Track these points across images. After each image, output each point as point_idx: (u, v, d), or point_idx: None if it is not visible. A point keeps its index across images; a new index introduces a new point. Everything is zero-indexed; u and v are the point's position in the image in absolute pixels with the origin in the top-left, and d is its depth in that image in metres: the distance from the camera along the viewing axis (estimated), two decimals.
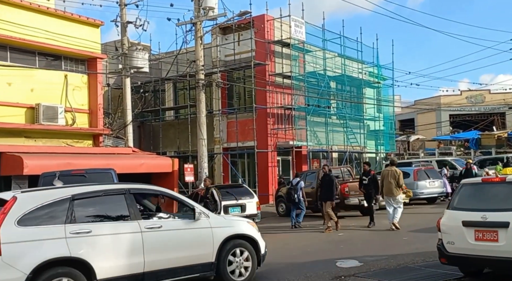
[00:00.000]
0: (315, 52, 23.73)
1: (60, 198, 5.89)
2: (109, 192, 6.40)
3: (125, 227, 6.15)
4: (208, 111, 20.06)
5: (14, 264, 5.31)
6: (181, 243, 6.50)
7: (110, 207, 6.28)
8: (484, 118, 39.73)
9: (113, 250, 5.94)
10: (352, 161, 24.73)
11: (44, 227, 5.64)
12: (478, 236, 6.21)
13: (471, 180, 8.03)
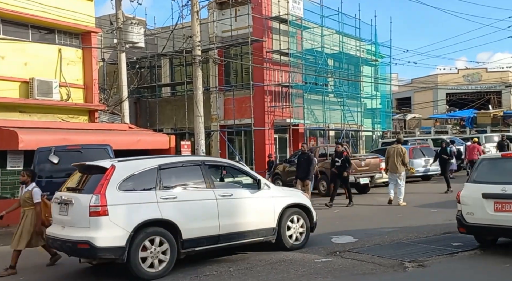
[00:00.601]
0: (313, 29, 23.44)
1: (150, 167, 6.61)
2: (188, 163, 7.16)
3: (203, 194, 6.88)
4: (205, 88, 19.90)
5: (118, 223, 6.08)
6: (248, 209, 7.25)
7: (190, 176, 6.98)
8: (481, 96, 39.73)
9: (194, 214, 6.67)
10: (349, 139, 24.78)
11: (139, 192, 6.40)
12: (498, 207, 6.65)
13: (490, 155, 8.61)
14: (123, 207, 6.15)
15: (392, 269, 6.24)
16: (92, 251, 6.02)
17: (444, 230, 8.64)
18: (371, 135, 28.20)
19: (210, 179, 7.07)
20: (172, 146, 17.41)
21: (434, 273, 6.08)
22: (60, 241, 6.36)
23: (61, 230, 6.43)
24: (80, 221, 6.16)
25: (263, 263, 6.87)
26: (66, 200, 6.43)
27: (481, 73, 40.36)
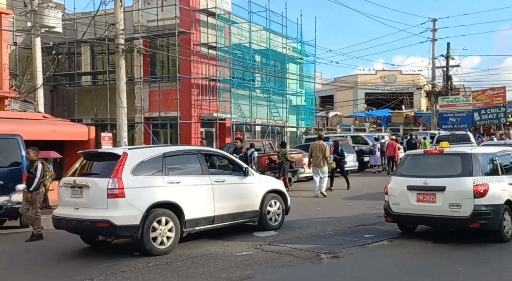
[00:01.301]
0: (241, 24, 23.55)
1: (156, 155, 7.37)
2: (187, 152, 8.04)
3: (201, 180, 7.69)
4: (128, 78, 19.21)
5: (133, 204, 6.79)
6: (238, 194, 8.19)
7: (189, 164, 7.80)
8: (395, 97, 42.57)
9: (194, 197, 7.49)
10: (274, 135, 25.30)
11: (149, 177, 7.13)
12: (420, 198, 7.42)
13: (414, 151, 9.49)
14: (137, 190, 6.86)
15: (309, 261, 6.50)
16: (111, 229, 6.71)
17: (358, 223, 9.17)
18: (296, 131, 29.05)
19: (206, 166, 7.97)
20: (92, 138, 16.61)
21: (347, 263, 6.43)
22: (76, 221, 6.96)
23: (74, 211, 7.01)
24: (97, 202, 6.80)
25: (183, 258, 6.82)
26: (81, 184, 7.04)
27: (396, 75, 43.24)
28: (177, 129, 20.82)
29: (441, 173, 7.45)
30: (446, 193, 7.16)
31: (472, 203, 7.01)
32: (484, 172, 7.34)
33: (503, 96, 31.29)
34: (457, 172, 7.31)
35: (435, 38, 32.81)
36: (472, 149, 8.08)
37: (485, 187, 7.07)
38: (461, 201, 7.06)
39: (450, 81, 33.69)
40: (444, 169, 7.52)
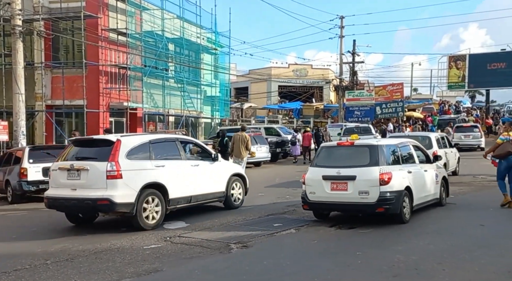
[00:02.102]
0: (153, 11, 22.83)
1: (144, 142, 8.32)
2: (168, 139, 9.08)
3: (181, 164, 8.77)
4: (27, 62, 17.71)
5: (129, 184, 7.73)
6: (210, 177, 9.31)
7: (170, 150, 8.77)
8: (306, 90, 44.33)
9: (176, 179, 8.49)
10: (188, 126, 25.01)
11: (140, 161, 8.06)
12: (333, 187, 7.95)
13: (329, 143, 10.00)
14: (131, 172, 7.78)
15: (219, 251, 6.55)
16: (111, 206, 7.58)
17: (268, 212, 9.42)
18: (210, 122, 28.99)
19: (184, 152, 9.04)
20: None
21: (256, 252, 6.58)
22: (76, 200, 7.72)
23: (72, 192, 7.78)
24: (97, 183, 7.61)
25: (86, 253, 6.50)
26: (79, 167, 7.78)
27: (307, 69, 44.98)
28: (83, 118, 19.69)
29: (352, 163, 8.00)
30: (356, 181, 7.73)
31: (378, 190, 7.62)
32: (388, 162, 8.01)
33: (401, 92, 34.02)
34: (366, 162, 7.90)
35: (342, 34, 34.60)
36: (378, 141, 8.81)
37: (389, 175, 7.71)
38: (369, 189, 7.65)
39: (355, 76, 35.83)
40: (354, 160, 8.09)
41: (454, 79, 38.03)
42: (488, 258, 5.78)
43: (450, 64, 37.93)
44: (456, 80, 38.03)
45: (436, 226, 7.89)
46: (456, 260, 5.75)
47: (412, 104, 39.11)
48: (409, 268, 5.50)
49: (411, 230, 7.55)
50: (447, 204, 9.70)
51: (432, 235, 7.16)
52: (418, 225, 7.87)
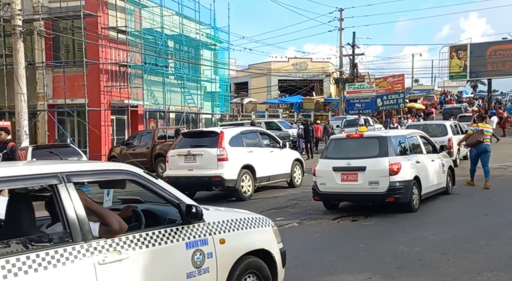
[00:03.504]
0: (152, 8, 22.81)
1: (238, 133, 10.87)
2: (252, 131, 11.79)
3: (262, 150, 11.20)
4: (28, 62, 17.74)
5: (233, 165, 10.21)
6: (281, 160, 11.54)
7: (253, 139, 11.28)
8: (307, 84, 44.29)
9: (260, 161, 10.86)
10: (189, 122, 25.07)
11: (237, 147, 10.49)
12: (344, 177, 8.22)
13: (338, 136, 10.35)
14: (233, 155, 10.23)
15: None
16: (222, 182, 10.07)
17: (271, 206, 9.52)
18: (211, 118, 29.03)
19: (263, 141, 11.47)
20: None
21: None
22: (195, 178, 10.23)
23: (190, 172, 10.28)
24: (209, 164, 10.11)
25: None
26: (195, 153, 10.31)
27: (307, 62, 44.90)
28: (85, 117, 19.76)
29: (361, 155, 8.25)
30: (366, 172, 7.97)
31: (388, 180, 7.85)
32: (397, 153, 8.25)
33: (402, 83, 33.96)
34: (375, 153, 8.15)
35: (342, 27, 34.50)
36: (386, 132, 9.04)
37: (398, 166, 7.94)
38: (379, 179, 7.89)
39: (356, 68, 35.75)
40: (364, 151, 8.33)
41: (455, 69, 37.97)
42: (492, 248, 5.83)
43: (451, 54, 37.85)
44: (458, 70, 37.96)
45: (439, 216, 7.96)
46: (460, 250, 5.80)
47: (413, 95, 39.08)
48: (413, 259, 5.56)
49: (414, 221, 7.61)
50: (452, 194, 9.77)
51: (435, 226, 7.23)
52: (421, 216, 7.94)
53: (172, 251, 3.32)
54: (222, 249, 3.60)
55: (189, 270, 3.38)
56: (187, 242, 3.41)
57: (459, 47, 38.58)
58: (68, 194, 2.96)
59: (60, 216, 2.96)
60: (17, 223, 2.99)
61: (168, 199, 3.49)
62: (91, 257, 2.89)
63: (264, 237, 4.10)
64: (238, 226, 3.85)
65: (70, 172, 3.06)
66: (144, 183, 3.41)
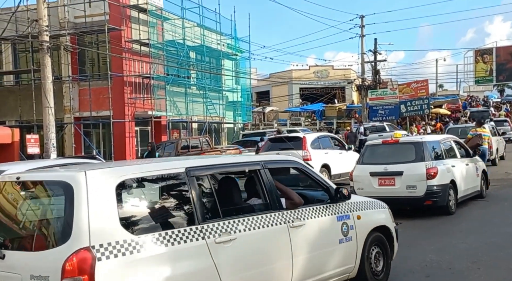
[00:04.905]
0: (174, 21, 23.21)
1: (315, 137, 13.11)
2: (325, 136, 13.86)
3: (335, 152, 13.04)
4: (55, 77, 18.27)
5: (315, 164, 11.21)
6: (347, 160, 12.52)
7: (327, 143, 13.20)
8: (328, 91, 44.07)
9: (335, 162, 12.61)
10: (211, 132, 25.26)
11: (316, 149, 12.41)
12: (381, 182, 8.56)
13: (373, 142, 10.58)
14: (315, 156, 12.06)
15: None
16: None
17: None
18: (233, 127, 29.19)
19: (333, 144, 13.52)
20: (16, 140, 15.63)
21: None
22: None
23: None
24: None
25: None
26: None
27: (328, 70, 44.74)
28: (110, 128, 20.16)
29: (398, 160, 8.55)
30: (404, 176, 8.27)
31: (425, 184, 8.13)
32: (433, 157, 8.50)
33: (426, 89, 33.43)
34: (411, 158, 8.43)
35: (363, 34, 34.31)
36: (422, 138, 9.33)
37: (435, 170, 8.19)
38: (416, 183, 8.18)
39: (378, 75, 35.41)
40: (400, 156, 8.62)
41: (481, 73, 37.19)
42: None
43: (476, 59, 37.12)
44: (484, 75, 37.17)
45: (468, 223, 7.77)
46: (491, 259, 5.64)
47: (438, 100, 38.40)
48: (442, 267, 5.43)
49: (443, 229, 7.45)
50: (480, 200, 9.58)
51: (465, 233, 7.05)
52: (449, 223, 7.78)
53: (328, 221, 4.50)
54: (358, 223, 4.71)
55: (340, 237, 4.52)
56: (337, 216, 4.58)
57: (485, 51, 37.81)
58: (266, 176, 4.18)
59: (261, 192, 4.17)
60: (229, 196, 4.07)
61: (321, 183, 4.71)
62: (285, 221, 4.09)
63: (384, 216, 5.22)
64: (367, 206, 5.00)
65: (267, 161, 4.37)
66: (306, 170, 4.70)
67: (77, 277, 2.97)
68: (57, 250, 3.09)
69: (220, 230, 3.64)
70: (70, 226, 3.08)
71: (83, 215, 3.09)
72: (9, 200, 3.68)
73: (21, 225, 3.56)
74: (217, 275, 3.51)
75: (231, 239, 3.67)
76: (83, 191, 3.16)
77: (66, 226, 3.13)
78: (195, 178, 3.74)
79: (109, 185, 3.29)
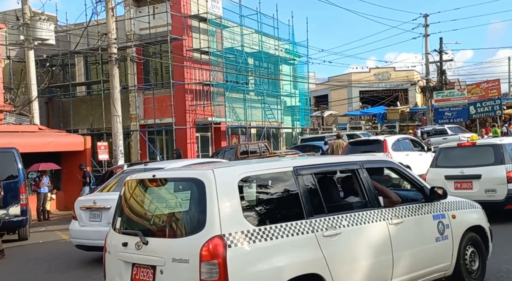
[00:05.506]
0: (233, 28, 23.69)
1: (395, 140, 13.25)
2: (404, 138, 14.04)
3: (414, 153, 13.15)
4: (123, 86, 19.32)
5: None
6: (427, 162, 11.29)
7: (406, 145, 13.49)
8: (390, 94, 42.75)
9: (415, 162, 12.09)
10: (270, 137, 25.42)
11: (396, 152, 12.49)
12: (457, 186, 8.33)
13: (447, 144, 10.46)
14: (396, 158, 10.85)
15: None
16: None
17: None
18: (291, 132, 29.17)
19: (412, 146, 13.64)
20: (88, 148, 16.74)
21: None
22: None
23: None
24: None
25: None
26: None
27: (390, 72, 43.41)
28: (172, 135, 20.92)
29: (475, 163, 8.33)
30: (482, 180, 8.04)
31: (506, 187, 7.91)
32: None
33: (498, 89, 31.40)
34: (490, 161, 8.22)
35: (427, 33, 32.98)
36: (501, 140, 8.99)
37: None
38: (496, 187, 7.96)
39: (444, 75, 33.79)
40: (477, 159, 8.42)
41: None
42: None
43: None
44: None
45: None
46: None
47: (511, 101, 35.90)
48: None
49: None
50: None
51: None
52: None
53: (425, 220, 4.68)
54: (454, 222, 4.85)
55: (436, 235, 4.68)
56: (433, 215, 4.75)
57: None
58: (364, 175, 4.46)
59: (359, 190, 4.44)
60: (329, 194, 4.39)
61: (416, 183, 4.89)
62: (384, 219, 4.35)
63: (478, 216, 5.30)
64: (461, 206, 5.10)
65: (364, 161, 4.66)
66: (401, 170, 4.90)
67: (213, 261, 3.42)
68: (193, 237, 3.56)
69: (327, 225, 3.98)
70: (204, 217, 3.56)
71: (214, 207, 3.55)
72: (147, 195, 4.24)
73: (159, 216, 4.11)
74: (326, 266, 3.83)
75: (337, 233, 4.00)
76: (213, 187, 3.62)
77: (200, 216, 3.60)
78: (302, 176, 4.08)
79: (232, 182, 3.73)
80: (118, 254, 4.00)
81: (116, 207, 4.38)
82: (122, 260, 3.96)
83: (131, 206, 4.24)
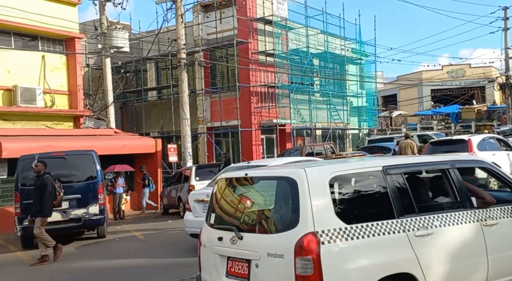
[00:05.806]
0: (298, 29, 23.56)
1: (480, 140, 12.49)
2: (491, 137, 13.31)
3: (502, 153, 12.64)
4: (191, 90, 19.91)
5: None
6: None
7: (492, 144, 12.69)
8: (465, 92, 40.25)
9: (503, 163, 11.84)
10: (335, 138, 24.95)
11: (482, 151, 11.83)
12: None
13: None
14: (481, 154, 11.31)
15: None
16: None
17: None
18: (358, 133, 28.43)
19: (499, 146, 12.95)
20: (159, 150, 17.38)
21: None
22: None
23: None
24: None
25: None
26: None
27: (464, 69, 40.89)
28: (238, 137, 21.20)
29: None
30: None
31: None
32: None
33: None
34: None
35: (507, 27, 30.69)
36: None
37: None
38: None
39: None
40: None
41: None
42: None
43: None
44: None
45: None
46: None
47: None
48: None
49: None
50: None
51: None
52: None
53: None
54: None
55: None
56: None
57: None
58: (456, 175, 4.39)
59: (450, 190, 4.37)
60: (419, 194, 4.30)
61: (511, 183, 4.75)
62: (477, 220, 4.25)
63: None
64: None
65: (455, 160, 4.58)
66: (494, 170, 4.77)
67: (307, 256, 3.51)
68: (288, 233, 3.63)
69: (418, 225, 3.95)
70: (297, 214, 3.65)
71: (307, 205, 3.64)
72: (239, 193, 4.41)
73: (253, 213, 4.21)
74: (419, 266, 3.80)
75: (429, 233, 3.97)
76: (305, 185, 3.71)
77: (294, 213, 3.68)
78: (391, 176, 4.08)
79: (324, 180, 3.81)
80: (214, 248, 4.16)
81: (209, 204, 4.59)
82: (218, 253, 4.12)
83: (224, 203, 4.43)
